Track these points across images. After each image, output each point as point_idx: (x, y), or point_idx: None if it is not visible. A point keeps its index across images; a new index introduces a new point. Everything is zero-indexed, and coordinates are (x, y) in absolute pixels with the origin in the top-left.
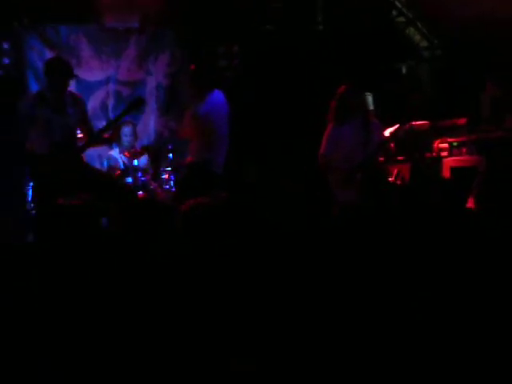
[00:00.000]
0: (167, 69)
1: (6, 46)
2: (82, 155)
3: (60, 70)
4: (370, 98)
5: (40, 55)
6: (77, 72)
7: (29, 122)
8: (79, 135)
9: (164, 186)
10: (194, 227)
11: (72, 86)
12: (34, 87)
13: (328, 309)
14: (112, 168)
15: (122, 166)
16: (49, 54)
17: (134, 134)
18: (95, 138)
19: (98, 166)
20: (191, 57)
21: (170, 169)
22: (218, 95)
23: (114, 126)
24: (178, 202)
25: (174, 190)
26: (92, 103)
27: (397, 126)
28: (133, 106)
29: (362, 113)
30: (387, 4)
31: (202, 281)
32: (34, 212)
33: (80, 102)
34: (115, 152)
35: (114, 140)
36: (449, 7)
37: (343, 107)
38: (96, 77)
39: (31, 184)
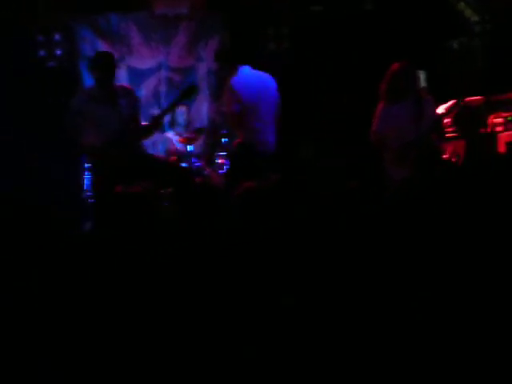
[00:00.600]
0: None
1: (57, 37)
2: (141, 144)
3: (103, 65)
4: (422, 76)
5: (92, 45)
6: (128, 60)
7: (81, 117)
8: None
9: (219, 171)
10: (243, 212)
11: (124, 75)
12: (87, 78)
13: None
14: (169, 151)
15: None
16: (100, 44)
17: (188, 116)
18: (149, 129)
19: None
20: (241, 39)
21: (224, 153)
22: (249, 71)
23: (166, 114)
24: (230, 185)
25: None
26: (144, 91)
27: (452, 102)
28: (186, 94)
29: (415, 90)
30: None
31: (253, 264)
32: (91, 200)
33: (132, 94)
34: (171, 134)
35: (157, 128)
36: None
37: (395, 85)
38: (147, 64)
39: (89, 173)
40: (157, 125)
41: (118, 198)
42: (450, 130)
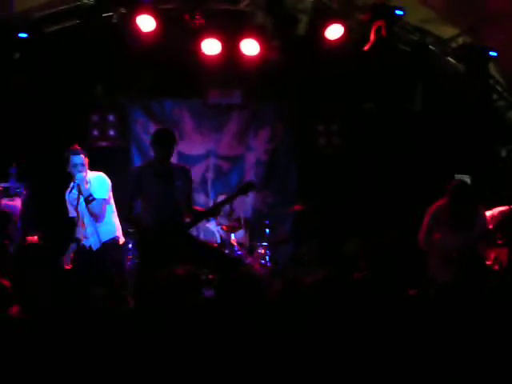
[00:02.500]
0: (267, 145)
1: (111, 118)
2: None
3: (164, 143)
4: (468, 180)
5: (144, 128)
6: (178, 145)
7: (137, 192)
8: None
9: (260, 261)
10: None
11: (173, 160)
12: (137, 159)
13: None
14: (208, 241)
15: (218, 240)
16: (152, 127)
17: (231, 206)
18: (203, 216)
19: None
20: (291, 132)
21: (266, 244)
22: None
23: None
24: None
25: (269, 264)
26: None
27: (498, 209)
28: (244, 189)
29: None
30: (487, 87)
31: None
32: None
33: (189, 175)
34: (212, 225)
35: (212, 217)
36: None
37: (458, 215)
38: (197, 151)
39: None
40: (212, 214)
41: (160, 280)
42: (494, 237)
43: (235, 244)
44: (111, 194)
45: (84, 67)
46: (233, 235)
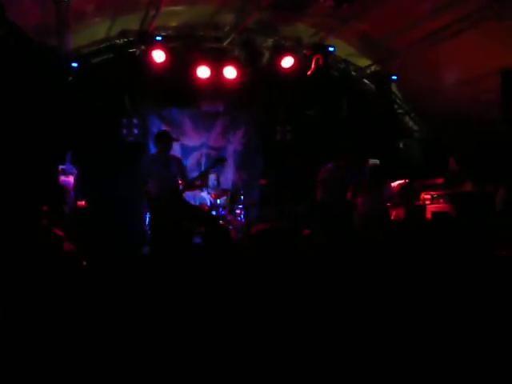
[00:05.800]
0: (241, 140)
1: (135, 121)
2: (183, 196)
3: (163, 140)
4: (378, 163)
5: (158, 128)
6: (182, 140)
7: (147, 173)
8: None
9: (237, 218)
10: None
11: (178, 150)
12: (153, 150)
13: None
14: (201, 204)
15: (208, 204)
16: (164, 128)
17: (218, 181)
18: (190, 183)
19: (192, 202)
20: (258, 131)
21: (241, 206)
22: None
23: (204, 176)
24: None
25: (243, 220)
26: (191, 161)
27: (398, 182)
28: (217, 162)
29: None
30: (390, 100)
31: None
32: (149, 232)
33: (180, 161)
34: (204, 194)
35: (203, 186)
36: (432, 104)
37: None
38: (194, 143)
39: (148, 215)
40: (198, 180)
41: (167, 231)
42: (396, 200)
43: (220, 206)
44: None
45: (117, 86)
46: (218, 200)
